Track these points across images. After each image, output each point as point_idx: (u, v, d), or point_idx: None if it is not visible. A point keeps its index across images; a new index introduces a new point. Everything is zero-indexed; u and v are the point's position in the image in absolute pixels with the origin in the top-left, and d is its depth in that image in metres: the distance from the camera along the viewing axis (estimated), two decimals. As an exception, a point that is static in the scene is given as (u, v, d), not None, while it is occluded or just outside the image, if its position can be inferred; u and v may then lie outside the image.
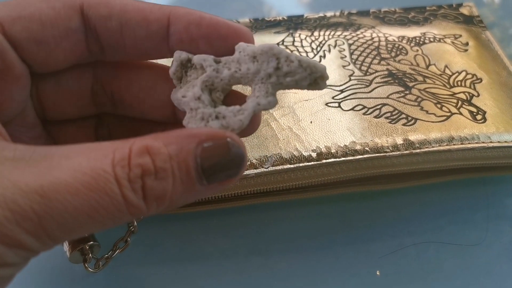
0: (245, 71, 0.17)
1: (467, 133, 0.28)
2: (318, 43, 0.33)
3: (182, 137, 0.16)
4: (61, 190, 0.14)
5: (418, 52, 0.33)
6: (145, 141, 0.15)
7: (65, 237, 0.15)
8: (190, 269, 0.27)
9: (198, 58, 0.18)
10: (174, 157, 0.15)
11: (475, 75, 0.32)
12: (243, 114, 0.17)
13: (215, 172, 0.16)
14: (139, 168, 0.15)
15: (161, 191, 0.15)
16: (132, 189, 0.15)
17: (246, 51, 0.17)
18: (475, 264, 0.27)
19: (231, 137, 0.16)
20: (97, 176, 0.14)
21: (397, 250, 0.28)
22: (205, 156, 0.16)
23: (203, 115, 0.17)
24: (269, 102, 0.17)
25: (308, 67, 0.17)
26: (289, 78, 0.17)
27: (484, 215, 0.29)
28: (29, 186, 0.14)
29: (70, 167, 0.14)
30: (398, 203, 0.30)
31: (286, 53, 0.17)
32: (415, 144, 0.27)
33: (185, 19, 0.18)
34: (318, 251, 0.28)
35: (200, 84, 0.18)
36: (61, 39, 0.18)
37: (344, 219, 0.29)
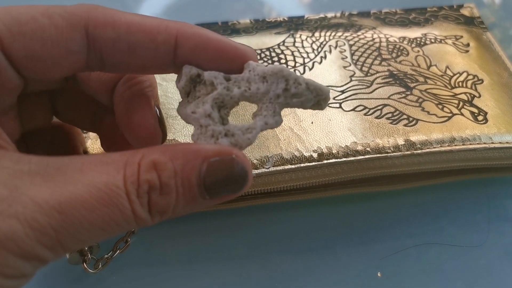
0: (255, 90, 0.18)
1: (468, 134, 0.28)
2: (319, 43, 0.33)
3: (188, 152, 0.16)
4: (77, 206, 0.15)
5: (419, 53, 0.33)
6: (153, 155, 0.16)
7: (77, 247, 0.16)
8: (190, 270, 0.27)
9: (209, 75, 0.18)
10: (179, 172, 0.16)
11: (476, 76, 0.32)
12: (251, 133, 0.18)
13: (217, 188, 0.17)
14: (146, 184, 0.16)
15: (165, 205, 0.16)
16: (140, 203, 0.16)
17: (256, 71, 0.18)
18: (476, 265, 0.27)
19: (236, 154, 0.17)
20: (111, 192, 0.15)
21: (398, 251, 0.28)
22: (209, 172, 0.16)
23: (213, 132, 0.18)
24: (276, 121, 0.18)
25: (314, 90, 0.18)
26: (295, 99, 0.18)
27: (486, 216, 0.29)
28: (47, 203, 0.14)
29: (85, 183, 0.15)
30: (399, 204, 0.30)
31: (295, 75, 0.18)
32: (416, 144, 0.27)
33: (192, 41, 0.18)
34: (319, 252, 0.27)
35: (211, 102, 0.18)
36: (60, 58, 0.18)
37: (345, 220, 0.29)
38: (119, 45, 0.18)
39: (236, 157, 0.17)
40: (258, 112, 0.18)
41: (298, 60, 0.32)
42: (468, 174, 0.29)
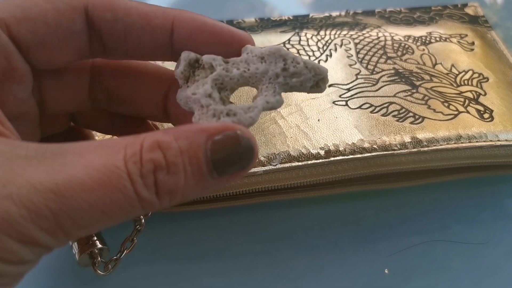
0: (254, 70, 0.18)
1: (474, 131, 0.28)
2: (324, 42, 0.33)
3: (191, 132, 0.16)
4: (75, 187, 0.14)
5: (424, 51, 0.33)
6: (155, 136, 0.15)
7: (79, 233, 0.15)
8: (198, 267, 0.27)
9: (207, 57, 0.18)
10: (185, 151, 0.15)
11: (482, 74, 0.32)
12: (253, 111, 0.17)
13: (225, 165, 0.16)
14: (150, 163, 0.15)
15: (173, 186, 0.15)
16: (144, 184, 0.15)
17: (254, 52, 0.18)
18: (482, 262, 0.27)
19: (240, 129, 0.16)
20: (110, 173, 0.14)
21: (405, 248, 0.28)
22: (215, 149, 0.16)
23: (214, 111, 0.17)
24: (277, 100, 0.18)
25: (312, 68, 0.18)
26: (295, 79, 0.18)
27: (492, 213, 0.29)
28: (43, 185, 0.14)
29: (83, 164, 0.14)
30: (406, 201, 0.30)
31: (293, 54, 0.18)
32: (423, 142, 0.27)
33: (189, 25, 0.18)
34: (326, 249, 0.27)
35: (210, 82, 0.18)
36: (65, 40, 0.18)
37: (352, 218, 0.29)
38: (116, 27, 0.18)
39: (241, 132, 0.16)
40: (258, 93, 0.18)
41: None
42: (474, 172, 0.29)
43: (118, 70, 0.21)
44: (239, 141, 0.16)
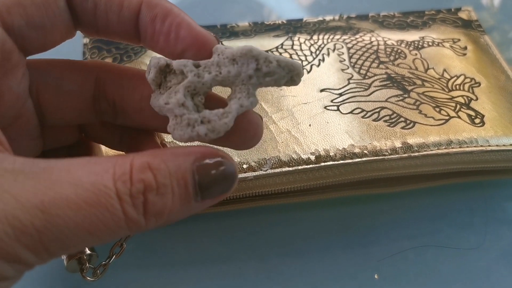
0: (226, 74, 0.18)
1: (465, 136, 0.28)
2: (317, 46, 0.33)
3: (179, 155, 0.16)
4: (62, 205, 0.14)
5: (416, 56, 0.33)
6: (145, 157, 0.16)
7: (63, 252, 0.15)
8: (188, 272, 0.27)
9: (177, 64, 0.18)
10: (173, 173, 0.16)
11: (474, 79, 0.32)
12: (227, 117, 0.17)
13: (209, 188, 0.17)
14: (141, 183, 0.15)
15: (161, 207, 0.16)
16: (133, 204, 0.15)
17: (225, 54, 0.18)
18: (473, 267, 0.27)
19: (223, 155, 0.17)
20: (98, 191, 0.14)
21: (395, 253, 0.28)
22: (200, 172, 0.16)
23: (188, 121, 0.17)
24: (251, 102, 0.18)
25: (286, 66, 0.18)
26: (268, 78, 0.18)
27: (483, 218, 0.29)
28: (30, 201, 0.14)
29: (70, 182, 0.14)
30: (396, 206, 0.30)
31: (265, 54, 0.17)
32: (413, 147, 0.27)
33: (154, 10, 0.18)
34: (316, 254, 0.28)
35: (182, 91, 0.18)
36: (56, 20, 0.18)
37: (342, 223, 0.29)
38: (86, 5, 0.18)
39: (223, 157, 0.17)
40: (232, 95, 0.18)
41: (296, 63, 0.32)
42: (465, 177, 0.30)
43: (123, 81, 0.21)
44: (222, 165, 0.17)
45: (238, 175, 0.17)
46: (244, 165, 0.26)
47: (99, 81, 0.21)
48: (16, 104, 0.19)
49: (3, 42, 0.17)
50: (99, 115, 0.21)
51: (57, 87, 0.20)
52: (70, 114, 0.21)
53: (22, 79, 0.19)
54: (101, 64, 0.21)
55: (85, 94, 0.21)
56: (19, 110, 0.19)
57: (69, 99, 0.20)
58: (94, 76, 0.21)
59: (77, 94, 0.20)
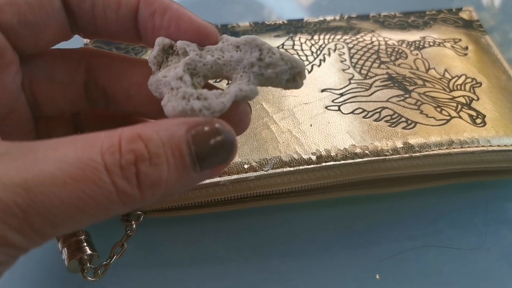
0: (228, 58, 0.18)
1: (466, 136, 0.28)
2: (318, 46, 0.33)
3: (171, 124, 0.16)
4: (46, 182, 0.13)
5: (417, 56, 0.33)
6: (135, 129, 0.15)
7: (53, 232, 0.14)
8: (189, 272, 0.27)
9: (181, 43, 0.18)
10: (167, 142, 0.15)
11: (475, 79, 0.32)
12: (225, 97, 0.17)
13: (207, 157, 0.16)
14: (131, 154, 0.14)
15: (156, 178, 0.15)
16: (124, 176, 0.14)
17: (229, 41, 0.18)
18: (474, 268, 0.27)
19: (219, 122, 0.16)
20: (84, 166, 0.14)
21: (396, 254, 0.28)
22: (196, 142, 0.15)
23: (184, 94, 0.17)
24: (251, 89, 0.17)
25: (289, 61, 0.18)
26: (270, 69, 0.17)
27: (484, 219, 0.29)
28: (12, 180, 0.13)
29: (55, 158, 0.14)
30: (397, 206, 0.30)
31: (269, 45, 0.18)
32: (414, 147, 0.27)
33: (152, 6, 0.18)
34: (317, 254, 0.28)
35: (182, 66, 0.17)
36: (49, 19, 0.18)
37: (343, 223, 0.29)
38: (84, 5, 0.18)
39: (220, 125, 0.16)
40: (232, 83, 0.18)
41: (297, 63, 0.32)
42: (466, 177, 0.29)
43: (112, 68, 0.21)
44: (219, 133, 0.16)
45: (237, 143, 0.17)
46: (245, 165, 0.26)
47: (90, 69, 0.21)
48: (9, 100, 0.19)
49: None
50: (92, 103, 0.21)
51: (49, 78, 0.20)
52: (64, 104, 0.21)
53: (16, 76, 0.19)
54: (90, 51, 0.21)
55: (76, 83, 0.21)
56: (12, 106, 0.19)
57: (61, 88, 0.20)
58: (84, 64, 0.20)
59: (69, 83, 0.20)
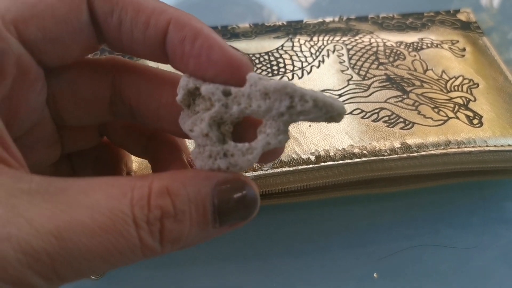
0: (256, 108, 0.16)
1: (463, 137, 0.28)
2: (317, 48, 0.34)
3: (200, 179, 0.16)
4: (77, 231, 0.13)
5: (415, 58, 0.33)
6: (164, 181, 0.15)
7: (75, 277, 0.14)
8: (189, 272, 0.27)
9: (206, 90, 0.17)
10: (193, 199, 0.15)
11: (472, 80, 0.32)
12: (252, 153, 0.16)
13: (228, 215, 0.16)
14: (158, 210, 0.15)
15: (178, 234, 0.15)
16: (149, 231, 0.14)
17: (257, 86, 0.16)
18: (471, 267, 0.28)
19: (246, 180, 0.16)
20: (115, 217, 0.14)
21: (394, 253, 0.28)
22: (221, 199, 0.16)
23: (210, 152, 0.17)
24: (280, 141, 0.16)
25: (324, 106, 0.16)
26: (302, 116, 0.16)
27: (481, 218, 0.30)
28: (44, 226, 0.13)
29: (88, 206, 0.14)
30: (395, 206, 0.30)
31: (301, 92, 0.16)
32: (412, 147, 0.27)
33: (182, 31, 0.17)
34: (316, 253, 0.28)
35: (207, 120, 0.17)
36: (75, 34, 0.17)
37: (342, 222, 0.29)
38: (111, 21, 0.17)
39: (245, 182, 0.16)
40: (262, 128, 0.17)
41: (297, 64, 0.32)
42: (463, 177, 0.30)
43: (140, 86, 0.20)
44: (244, 190, 0.16)
45: (259, 202, 0.17)
46: (244, 165, 0.26)
47: (116, 83, 0.20)
48: (32, 116, 0.18)
49: (19, 56, 0.16)
50: (117, 116, 0.21)
51: (73, 92, 0.19)
52: (87, 117, 0.20)
53: (40, 92, 0.18)
54: (118, 63, 0.20)
55: (101, 97, 0.20)
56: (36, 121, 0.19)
57: (85, 103, 0.20)
58: (110, 79, 0.20)
59: (93, 98, 0.20)
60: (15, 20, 0.16)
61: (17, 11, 0.16)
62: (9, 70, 0.16)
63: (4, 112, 0.17)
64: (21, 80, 0.17)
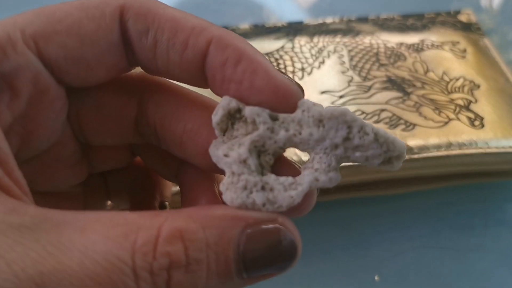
0: (307, 136, 0.14)
1: (465, 139, 0.28)
2: (318, 49, 0.34)
3: (224, 220, 0.13)
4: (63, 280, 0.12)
5: (416, 59, 0.33)
6: (178, 222, 0.13)
7: None
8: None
9: (250, 111, 0.15)
10: (213, 245, 0.13)
11: (473, 81, 0.32)
12: (296, 189, 0.14)
13: (258, 264, 0.13)
14: (166, 258, 0.12)
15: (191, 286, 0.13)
16: (153, 283, 0.12)
17: (311, 112, 0.14)
18: (473, 268, 0.28)
19: (283, 223, 0.14)
20: (109, 266, 0.12)
21: (396, 255, 0.28)
22: (249, 246, 0.13)
23: (246, 183, 0.14)
24: (330, 179, 0.14)
25: (385, 143, 0.14)
26: (358, 153, 0.14)
27: (482, 220, 0.30)
28: (26, 272, 0.11)
29: (80, 248, 0.12)
30: (397, 208, 0.30)
31: (361, 122, 0.14)
32: (413, 149, 0.27)
33: (224, 53, 0.15)
34: (317, 256, 0.28)
35: (248, 144, 0.15)
36: (102, 55, 0.15)
37: (343, 225, 0.29)
38: (146, 40, 0.15)
39: (282, 226, 0.14)
40: (308, 163, 0.15)
41: (297, 65, 0.32)
42: (465, 179, 0.30)
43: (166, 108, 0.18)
44: (279, 237, 0.13)
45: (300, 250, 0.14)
46: (245, 167, 0.26)
47: (142, 103, 0.18)
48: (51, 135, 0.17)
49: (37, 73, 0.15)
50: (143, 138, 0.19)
51: (97, 110, 0.18)
52: (112, 137, 0.19)
53: (60, 113, 0.16)
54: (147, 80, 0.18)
55: (126, 117, 0.18)
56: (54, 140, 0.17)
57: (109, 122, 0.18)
58: (137, 98, 0.18)
59: (118, 117, 0.18)
60: (35, 35, 0.15)
61: (40, 25, 0.15)
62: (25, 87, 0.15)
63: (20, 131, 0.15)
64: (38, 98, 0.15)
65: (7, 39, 0.14)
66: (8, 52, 0.14)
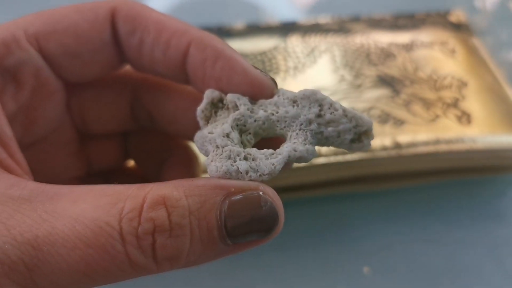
0: (283, 113, 0.16)
1: (452, 135, 0.29)
2: (310, 48, 0.34)
3: (207, 188, 0.14)
4: (56, 243, 0.13)
5: (406, 58, 0.34)
6: (163, 190, 0.14)
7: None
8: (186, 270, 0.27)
9: (232, 96, 0.16)
10: (195, 211, 0.13)
11: (461, 80, 0.33)
12: (276, 158, 0.15)
13: (241, 231, 0.14)
14: (150, 223, 0.13)
15: (175, 251, 0.14)
16: (139, 246, 0.13)
17: (285, 95, 0.16)
18: (460, 261, 0.28)
19: (264, 190, 0.14)
20: (98, 230, 0.13)
21: (384, 248, 0.28)
22: (231, 212, 0.14)
23: (230, 153, 0.15)
24: (307, 150, 0.15)
25: (353, 118, 0.15)
26: (331, 128, 0.15)
27: (470, 214, 0.30)
28: (23, 236, 0.12)
29: (72, 215, 0.13)
30: (386, 203, 0.31)
31: (330, 100, 0.16)
32: (402, 145, 0.28)
33: (203, 53, 0.16)
34: (307, 249, 0.28)
35: (231, 122, 0.16)
36: (96, 52, 0.17)
37: (333, 219, 0.30)
38: (133, 41, 0.17)
39: (263, 193, 0.14)
40: (287, 141, 0.16)
41: (290, 65, 0.33)
42: (452, 174, 0.30)
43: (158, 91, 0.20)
44: (260, 204, 0.14)
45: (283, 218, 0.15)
46: (238, 162, 0.27)
47: (136, 91, 0.20)
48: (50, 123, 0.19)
49: (38, 68, 0.17)
50: (138, 122, 0.21)
51: (95, 98, 0.20)
52: (111, 123, 0.20)
53: (59, 103, 0.18)
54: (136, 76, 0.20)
55: (123, 103, 0.20)
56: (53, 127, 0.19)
57: (107, 108, 0.20)
58: (130, 87, 0.20)
59: (115, 104, 0.20)
60: (37, 34, 0.16)
61: (40, 25, 0.16)
62: (28, 80, 0.17)
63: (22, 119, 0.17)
64: (39, 90, 0.17)
65: (11, 38, 0.16)
66: (12, 48, 0.16)
